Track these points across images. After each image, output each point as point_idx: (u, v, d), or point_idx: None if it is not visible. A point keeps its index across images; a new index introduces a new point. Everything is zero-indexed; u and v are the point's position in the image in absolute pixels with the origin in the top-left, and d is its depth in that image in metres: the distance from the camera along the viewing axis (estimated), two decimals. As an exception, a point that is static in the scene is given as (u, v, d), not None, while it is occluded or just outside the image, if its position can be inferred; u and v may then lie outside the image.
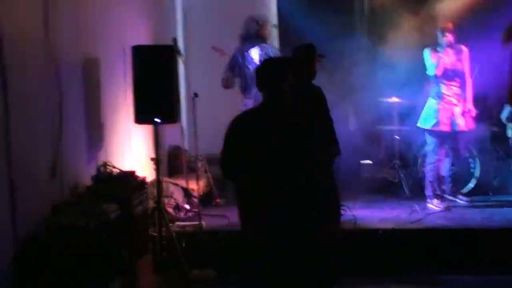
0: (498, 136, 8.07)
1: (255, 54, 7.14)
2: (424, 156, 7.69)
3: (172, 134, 7.61)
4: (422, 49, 7.34)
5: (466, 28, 7.44)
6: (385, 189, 8.18)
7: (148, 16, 7.67)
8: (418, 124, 7.44)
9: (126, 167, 6.13)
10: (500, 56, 7.15)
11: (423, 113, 7.40)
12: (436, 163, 7.39)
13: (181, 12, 9.22)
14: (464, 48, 7.29)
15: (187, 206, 7.02)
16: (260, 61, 6.93)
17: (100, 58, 6.00)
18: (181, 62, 6.64)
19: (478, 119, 7.51)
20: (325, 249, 4.06)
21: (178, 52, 6.45)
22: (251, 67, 7.02)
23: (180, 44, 8.05)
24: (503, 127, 7.27)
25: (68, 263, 4.19)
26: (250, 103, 6.81)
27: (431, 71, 7.23)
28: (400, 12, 8.25)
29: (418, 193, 7.62)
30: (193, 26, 9.17)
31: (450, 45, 7.17)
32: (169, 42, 6.50)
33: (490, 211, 7.13)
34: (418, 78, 7.96)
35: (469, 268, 6.09)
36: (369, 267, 6.09)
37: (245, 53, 7.19)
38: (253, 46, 7.16)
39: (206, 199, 7.51)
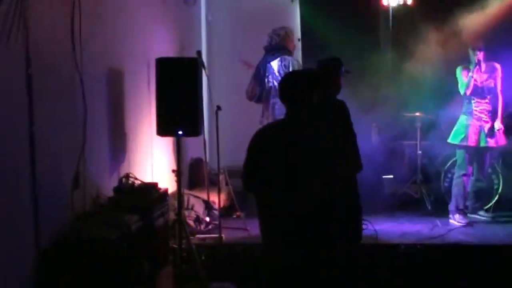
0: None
1: (274, 65, 7.16)
2: (448, 171, 7.66)
3: (194, 146, 7.64)
4: (446, 64, 7.34)
5: (496, 43, 7.38)
6: (407, 204, 8.15)
7: (173, 29, 7.74)
8: (449, 140, 7.45)
9: (148, 179, 6.16)
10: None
11: (454, 129, 7.42)
12: (462, 178, 7.36)
13: (205, 24, 9.29)
14: (497, 66, 7.30)
15: (208, 219, 7.03)
16: (278, 72, 6.97)
17: (124, 70, 6.05)
18: (204, 75, 6.68)
19: (505, 134, 7.48)
20: (344, 263, 4.04)
21: (202, 65, 6.49)
22: (271, 78, 7.07)
23: (204, 56, 8.11)
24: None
25: (89, 274, 4.21)
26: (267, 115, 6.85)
27: (462, 90, 7.24)
28: (424, 27, 8.22)
29: (440, 209, 7.60)
30: (217, 39, 9.24)
31: (481, 63, 7.15)
32: (193, 54, 6.54)
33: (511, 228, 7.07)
34: (442, 93, 7.95)
35: (491, 285, 6.02)
36: (390, 282, 6.04)
37: (267, 64, 7.21)
38: (275, 58, 7.18)
39: (227, 212, 7.53)
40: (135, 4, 6.39)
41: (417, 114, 8.17)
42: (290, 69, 6.91)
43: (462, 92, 7.25)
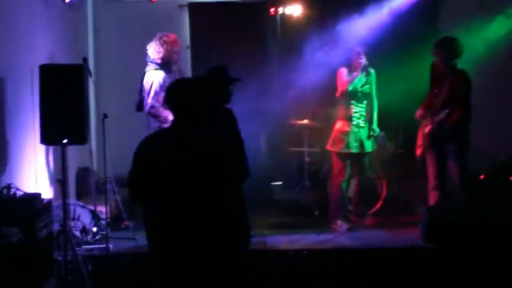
0: (403, 156, 8.35)
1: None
2: (332, 178, 7.82)
3: (81, 155, 7.48)
4: (334, 72, 7.51)
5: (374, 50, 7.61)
6: (295, 210, 8.29)
7: (58, 34, 7.54)
8: (327, 147, 7.57)
9: (32, 189, 5.97)
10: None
11: (332, 136, 7.53)
12: (342, 184, 7.51)
13: (93, 30, 9.11)
14: (372, 71, 7.49)
15: (95, 229, 6.89)
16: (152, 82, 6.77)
17: (4, 77, 5.85)
18: (91, 82, 6.55)
19: (382, 139, 7.75)
20: (233, 272, 4.05)
21: (89, 71, 6.36)
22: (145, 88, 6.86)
23: (91, 63, 7.95)
24: (407, 147, 7.51)
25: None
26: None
27: (344, 87, 7.35)
28: (310, 35, 8.39)
29: (327, 214, 7.72)
30: (105, 45, 9.07)
31: (362, 67, 7.34)
32: (79, 61, 6.39)
33: (394, 231, 7.31)
34: (329, 102, 8.12)
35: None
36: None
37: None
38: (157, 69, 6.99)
39: (114, 222, 7.40)
40: (13, 8, 6.18)
41: (305, 121, 8.31)
42: (144, 81, 6.82)
43: (344, 89, 7.34)
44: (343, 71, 7.43)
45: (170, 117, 6.09)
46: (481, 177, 8.01)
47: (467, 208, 6.68)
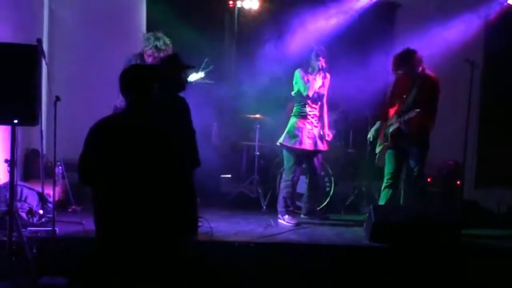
0: (354, 157, 8.48)
1: None
2: (282, 173, 7.89)
3: (30, 137, 7.38)
4: (290, 67, 7.57)
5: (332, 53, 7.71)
6: (243, 204, 8.36)
7: (12, 13, 7.41)
8: (280, 141, 7.60)
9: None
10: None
11: (286, 131, 7.59)
12: (292, 180, 7.59)
13: (48, 12, 8.98)
14: (327, 74, 7.57)
15: (41, 212, 6.82)
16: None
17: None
18: (44, 64, 6.47)
19: (334, 139, 7.86)
20: (175, 258, 4.07)
21: (42, 53, 6.29)
22: None
23: (45, 45, 7.84)
24: (360, 149, 7.65)
25: None
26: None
27: (303, 91, 7.41)
28: (266, 29, 8.45)
29: (274, 209, 7.79)
30: (60, 28, 8.94)
31: (320, 69, 7.41)
32: (33, 42, 6.31)
33: (340, 229, 7.42)
34: (281, 97, 8.20)
35: (319, 282, 6.27)
36: (222, 278, 6.12)
37: None
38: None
39: (62, 206, 7.34)
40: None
41: (257, 115, 8.37)
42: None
43: (304, 94, 7.41)
44: (300, 73, 7.46)
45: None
46: (429, 180, 8.20)
47: (414, 210, 6.82)
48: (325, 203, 8.15)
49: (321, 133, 7.57)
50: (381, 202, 7.34)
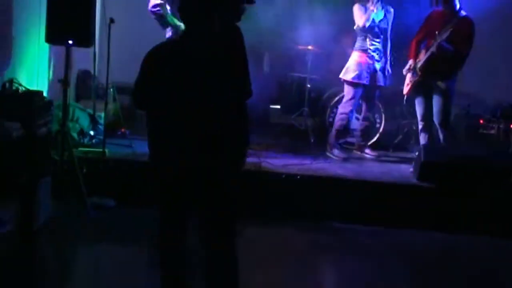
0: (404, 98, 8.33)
1: None
2: (334, 107, 7.81)
3: (83, 58, 7.42)
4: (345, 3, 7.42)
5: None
6: (292, 135, 8.33)
7: None
8: (341, 76, 7.48)
9: (33, 87, 5.95)
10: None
11: (347, 65, 7.47)
12: (348, 114, 7.49)
13: None
14: (391, 9, 7.42)
15: (92, 133, 6.91)
16: None
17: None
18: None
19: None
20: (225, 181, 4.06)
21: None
22: None
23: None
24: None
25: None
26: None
27: (360, 23, 7.29)
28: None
29: (322, 142, 7.75)
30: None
31: (379, 3, 7.24)
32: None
33: (388, 166, 7.37)
34: (338, 30, 8.04)
35: (362, 219, 6.27)
36: (267, 210, 6.17)
37: None
38: None
39: (112, 128, 7.40)
40: None
41: (309, 47, 8.24)
42: None
43: (360, 24, 7.28)
44: (357, 6, 7.33)
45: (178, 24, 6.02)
46: (481, 121, 8.04)
47: (465, 151, 6.71)
48: (374, 139, 8.07)
49: (384, 68, 7.44)
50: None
